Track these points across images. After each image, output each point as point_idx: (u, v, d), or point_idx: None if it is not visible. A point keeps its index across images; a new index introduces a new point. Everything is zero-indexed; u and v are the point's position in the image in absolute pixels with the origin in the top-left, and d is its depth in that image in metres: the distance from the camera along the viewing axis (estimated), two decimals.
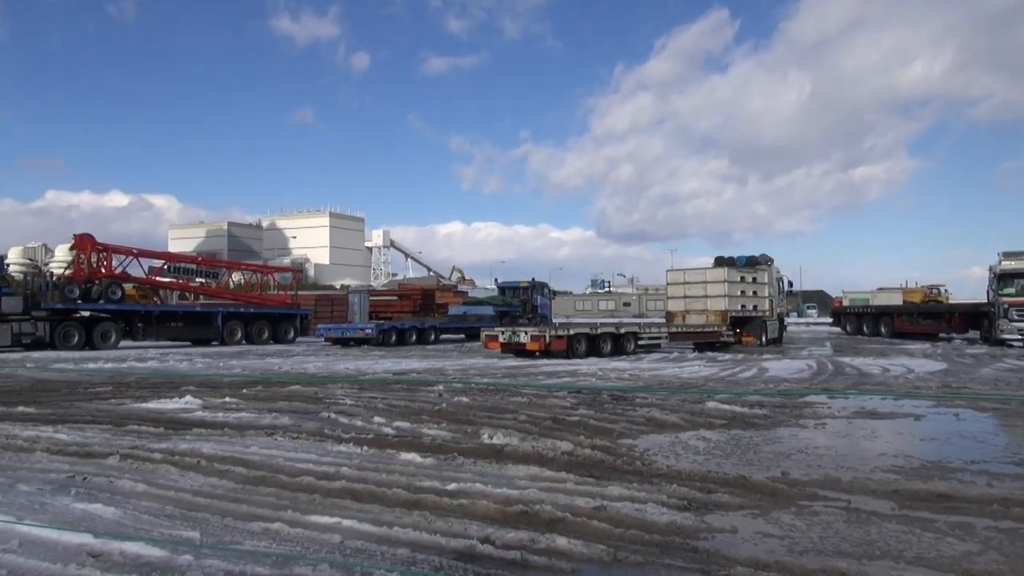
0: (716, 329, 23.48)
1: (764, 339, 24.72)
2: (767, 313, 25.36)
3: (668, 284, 26.14)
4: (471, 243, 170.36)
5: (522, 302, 33.15)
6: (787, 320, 29.73)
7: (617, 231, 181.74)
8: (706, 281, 24.63)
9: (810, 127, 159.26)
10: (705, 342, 23.39)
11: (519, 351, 19.45)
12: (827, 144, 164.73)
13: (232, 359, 19.85)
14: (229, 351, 24.13)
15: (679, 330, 23.16)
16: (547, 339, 18.76)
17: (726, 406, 9.12)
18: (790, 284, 30.09)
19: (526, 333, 19.15)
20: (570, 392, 11.05)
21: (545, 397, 10.38)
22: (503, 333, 19.71)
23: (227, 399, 10.09)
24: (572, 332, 19.71)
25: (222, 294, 31.02)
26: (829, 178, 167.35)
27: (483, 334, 20.72)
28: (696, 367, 16.24)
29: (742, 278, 24.90)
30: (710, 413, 8.72)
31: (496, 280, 39.48)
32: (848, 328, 33.96)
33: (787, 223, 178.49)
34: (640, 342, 21.12)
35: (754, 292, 25.13)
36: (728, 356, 19.89)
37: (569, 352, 18.98)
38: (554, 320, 35.27)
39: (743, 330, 24.44)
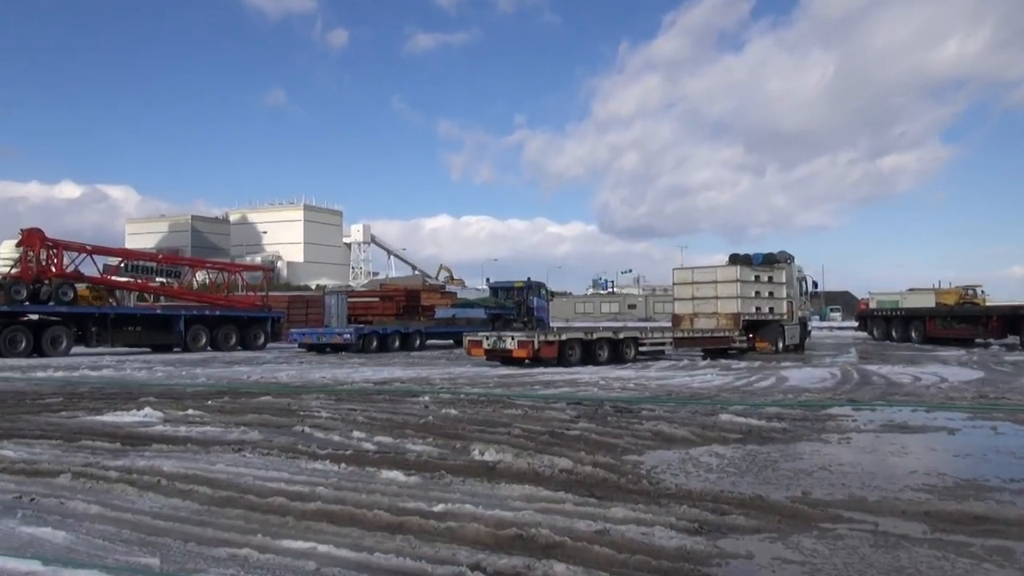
0: (727, 334, 23.43)
1: (780, 345, 24.65)
2: (785, 316, 25.31)
3: (675, 284, 26.13)
4: (460, 239, 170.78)
5: (516, 304, 33.17)
6: (810, 324, 29.68)
7: (621, 226, 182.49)
8: (716, 281, 24.58)
9: (834, 111, 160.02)
10: (715, 349, 23.32)
11: (506, 358, 19.45)
12: (852, 130, 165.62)
13: (196, 367, 19.80)
14: (192, 358, 24.08)
15: (686, 335, 23.06)
16: (536, 345, 18.73)
17: (741, 419, 9.14)
18: (814, 284, 30.08)
19: (512, 338, 19.12)
20: (569, 403, 11.06)
21: (542, 409, 10.38)
22: (487, 338, 19.68)
23: (190, 411, 10.06)
24: (564, 338, 19.69)
25: (185, 295, 30.95)
26: (855, 167, 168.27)
27: (466, 339, 20.72)
28: (708, 376, 16.26)
29: (756, 277, 24.82)
30: (723, 427, 8.73)
31: (488, 280, 39.45)
32: (875, 333, 34.08)
33: (809, 217, 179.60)
34: (641, 349, 21.08)
35: (770, 293, 25.08)
36: (743, 364, 19.93)
37: (561, 360, 18.97)
38: (552, 324, 35.31)
39: (756, 335, 24.31)
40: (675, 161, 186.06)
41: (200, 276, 33.98)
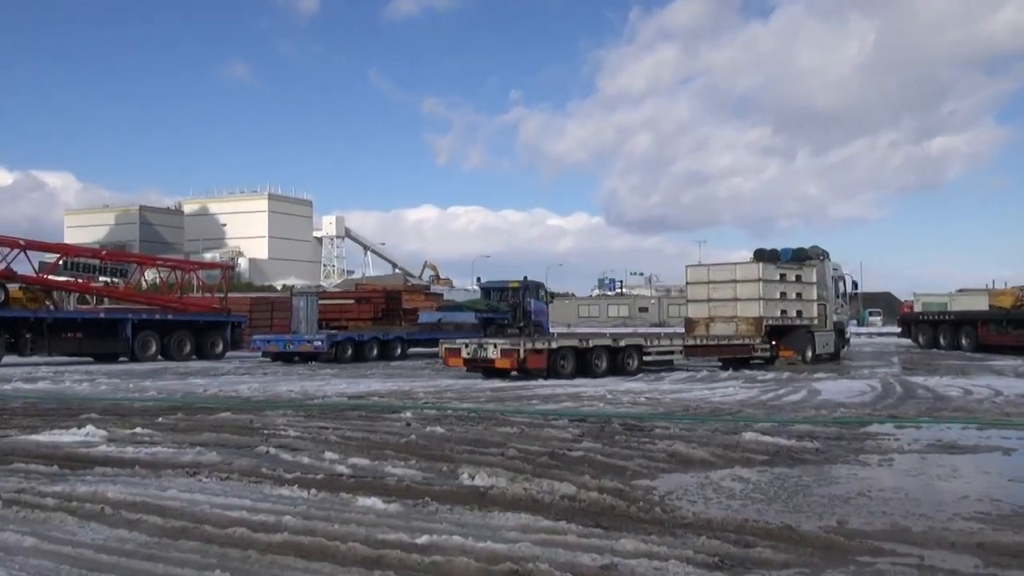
0: (747, 342, 23.33)
1: (809, 354, 24.51)
2: (815, 321, 25.20)
3: (688, 284, 26.05)
4: (447, 233, 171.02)
5: (511, 307, 33.18)
6: (848, 330, 29.57)
7: (631, 217, 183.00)
8: (736, 280, 24.39)
9: (874, 88, 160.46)
10: (733, 358, 23.24)
11: (488, 369, 19.44)
12: (895, 109, 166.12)
13: (145, 379, 19.77)
14: (141, 369, 24.03)
15: (699, 343, 22.98)
16: (522, 354, 18.70)
17: (768, 438, 9.16)
18: (854, 285, 29.99)
19: (495, 346, 19.06)
20: (572, 420, 11.11)
21: (540, 427, 10.42)
22: (467, 346, 19.63)
23: (138, 430, 10.05)
24: (555, 346, 19.70)
25: (132, 297, 30.87)
26: (898, 151, 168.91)
27: (442, 347, 20.66)
28: (730, 389, 16.33)
29: (783, 276, 24.68)
30: (748, 446, 8.76)
31: (479, 280, 39.48)
32: (920, 340, 34.21)
33: (845, 208, 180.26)
34: (646, 358, 21.09)
35: (798, 294, 24.97)
36: (770, 375, 19.99)
37: (551, 371, 18.99)
38: (551, 330, 35.36)
39: (780, 342, 24.15)
40: (693, 144, 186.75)
41: (150, 275, 33.89)
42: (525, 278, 34.77)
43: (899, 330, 39.10)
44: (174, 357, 28.49)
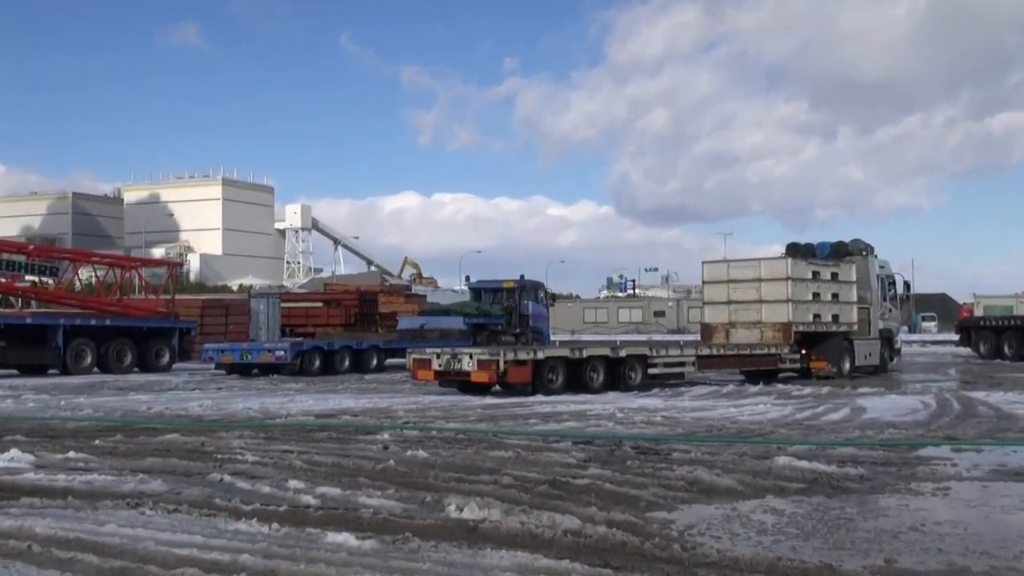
0: (774, 351, 23.20)
1: (847, 366, 24.39)
2: (854, 327, 24.97)
3: (705, 283, 25.78)
4: (431, 224, 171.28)
5: (506, 310, 33.24)
6: (897, 339, 29.47)
7: (645, 206, 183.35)
8: (760, 279, 24.12)
9: (927, 56, 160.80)
10: (756, 370, 23.17)
11: (464, 384, 19.46)
12: (952, 80, 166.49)
13: (79, 394, 19.75)
14: (74, 383, 24.00)
15: (717, 352, 22.89)
16: (502, 366, 18.67)
17: (804, 463, 9.17)
18: (906, 286, 29.87)
19: (471, 357, 18.94)
20: (576, 442, 11.12)
21: (540, 450, 10.44)
22: (438, 357, 19.52)
23: (71, 454, 10.04)
24: (542, 356, 19.67)
25: (64, 299, 30.82)
26: (955, 129, 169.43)
27: (410, 357, 20.58)
28: (760, 406, 16.38)
29: (816, 275, 24.48)
30: (781, 473, 8.77)
31: (468, 279, 39.60)
32: (982, 349, 34.32)
33: (894, 196, 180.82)
34: (652, 371, 21.07)
35: (834, 296, 24.72)
36: (807, 391, 20.01)
37: (537, 385, 18.99)
38: (552, 337, 35.43)
39: (812, 352, 24.02)
40: (717, 120, 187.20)
41: (85, 274, 33.85)
42: (522, 277, 34.86)
43: (957, 337, 39.24)
44: (112, 369, 28.45)
